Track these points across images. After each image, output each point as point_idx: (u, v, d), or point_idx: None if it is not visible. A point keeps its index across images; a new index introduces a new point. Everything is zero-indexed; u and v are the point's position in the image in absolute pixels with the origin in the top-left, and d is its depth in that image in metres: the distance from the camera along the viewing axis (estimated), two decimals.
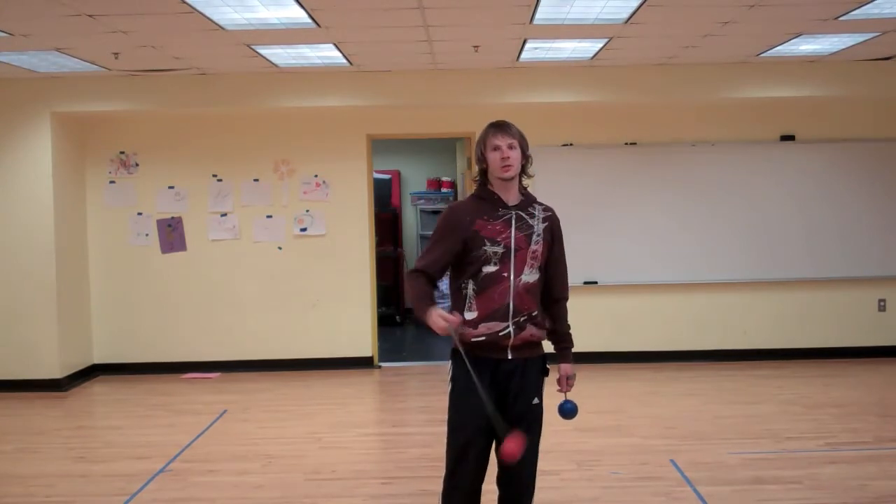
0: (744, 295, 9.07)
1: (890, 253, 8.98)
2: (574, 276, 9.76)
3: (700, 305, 9.09)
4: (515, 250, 3.57)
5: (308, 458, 6.04)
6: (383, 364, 9.20)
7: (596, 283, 8.96)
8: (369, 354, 9.17)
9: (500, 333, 3.56)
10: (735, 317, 9.09)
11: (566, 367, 3.80)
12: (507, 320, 3.56)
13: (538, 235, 3.63)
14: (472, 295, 3.59)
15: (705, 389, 7.91)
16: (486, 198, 3.65)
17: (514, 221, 3.61)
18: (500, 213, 3.61)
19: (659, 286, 9.04)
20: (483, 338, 3.57)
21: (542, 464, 5.53)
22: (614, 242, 8.94)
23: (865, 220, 8.96)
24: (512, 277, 3.56)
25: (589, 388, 8.08)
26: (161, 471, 5.75)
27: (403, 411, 6.08)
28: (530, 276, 3.60)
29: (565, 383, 3.80)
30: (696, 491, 5.12)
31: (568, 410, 3.75)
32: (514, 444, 3.39)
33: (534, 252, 3.60)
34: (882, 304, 9.09)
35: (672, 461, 5.69)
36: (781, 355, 9.00)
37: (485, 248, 3.56)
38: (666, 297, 9.07)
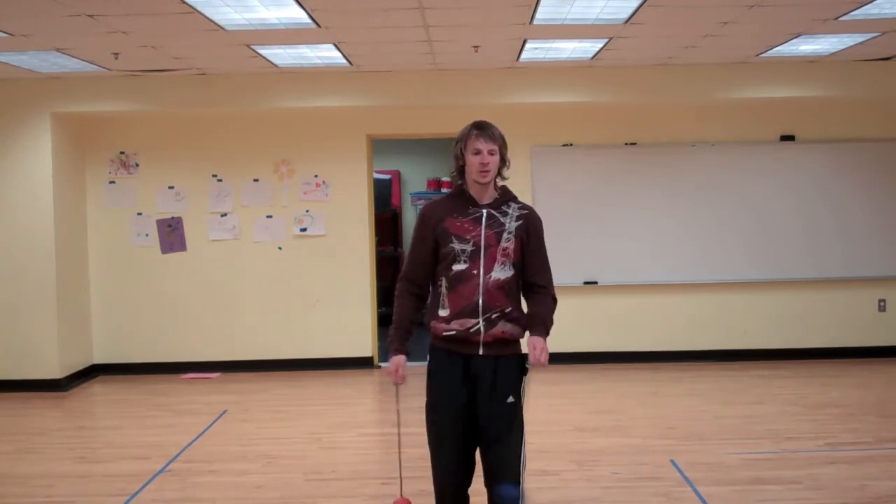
0: (744, 295, 9.07)
1: (890, 253, 8.98)
2: (574, 276, 9.63)
3: (700, 305, 9.08)
4: (485, 248, 3.61)
5: (308, 458, 6.04)
6: (383, 364, 9.20)
7: (596, 283, 8.96)
8: (369, 354, 9.17)
9: (471, 330, 3.61)
10: (735, 317, 9.08)
11: (533, 339, 3.57)
12: (478, 317, 3.60)
13: (509, 233, 3.66)
14: (444, 293, 3.66)
15: (705, 389, 7.91)
16: (458, 196, 3.73)
17: (484, 219, 3.66)
18: (470, 211, 3.67)
19: (659, 286, 9.04)
20: (454, 332, 3.63)
21: (542, 464, 5.57)
22: (614, 242, 8.93)
23: (865, 220, 8.96)
24: (481, 275, 3.60)
25: (589, 388, 8.13)
26: (161, 471, 5.75)
27: (403, 411, 6.03)
28: (502, 273, 3.62)
29: (532, 352, 3.54)
30: (696, 491, 5.12)
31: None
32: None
33: (504, 249, 3.63)
34: (882, 304, 9.09)
35: (672, 461, 5.69)
36: (781, 355, 9.00)
37: (452, 244, 3.63)
38: (666, 297, 9.06)
